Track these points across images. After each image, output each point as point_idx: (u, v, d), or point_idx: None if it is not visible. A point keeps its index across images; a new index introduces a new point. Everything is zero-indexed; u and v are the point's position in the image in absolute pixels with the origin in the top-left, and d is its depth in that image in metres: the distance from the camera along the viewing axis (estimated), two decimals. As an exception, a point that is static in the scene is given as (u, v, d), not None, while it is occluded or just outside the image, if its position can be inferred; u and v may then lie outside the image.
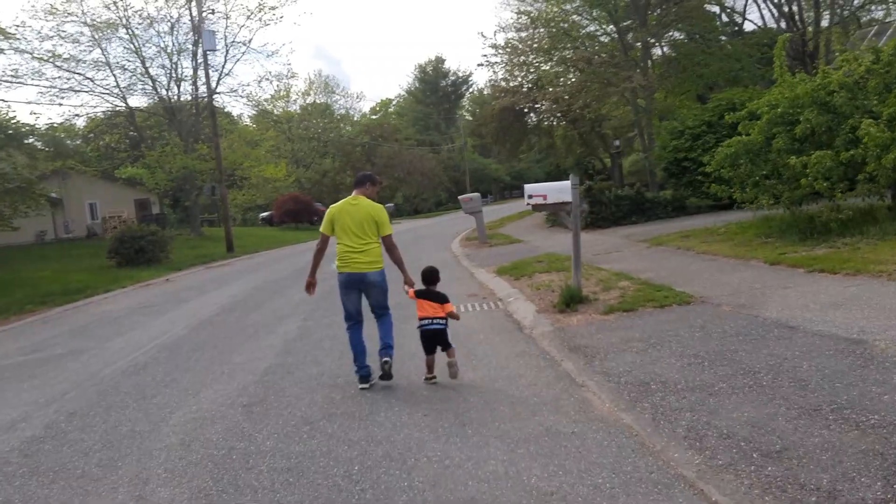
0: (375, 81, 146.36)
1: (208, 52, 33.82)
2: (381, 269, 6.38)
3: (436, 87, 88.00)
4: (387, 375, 6.26)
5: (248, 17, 40.10)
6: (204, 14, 36.28)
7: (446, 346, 6.27)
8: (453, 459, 4.27)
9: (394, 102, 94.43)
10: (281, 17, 49.39)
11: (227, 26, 41.23)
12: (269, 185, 50.30)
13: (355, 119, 78.00)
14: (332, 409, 5.68)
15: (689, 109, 21.38)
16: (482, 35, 37.51)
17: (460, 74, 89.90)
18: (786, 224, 11.95)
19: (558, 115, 36.96)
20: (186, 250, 31.37)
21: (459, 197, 21.90)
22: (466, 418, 5.04)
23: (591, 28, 27.63)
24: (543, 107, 35.90)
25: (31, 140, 25.41)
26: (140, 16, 38.26)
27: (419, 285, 6.54)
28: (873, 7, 38.98)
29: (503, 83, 39.04)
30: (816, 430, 3.91)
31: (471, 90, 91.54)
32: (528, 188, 8.75)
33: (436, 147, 75.62)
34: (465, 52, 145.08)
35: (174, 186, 40.70)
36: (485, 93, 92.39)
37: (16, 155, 23.75)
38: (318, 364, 7.49)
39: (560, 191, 8.70)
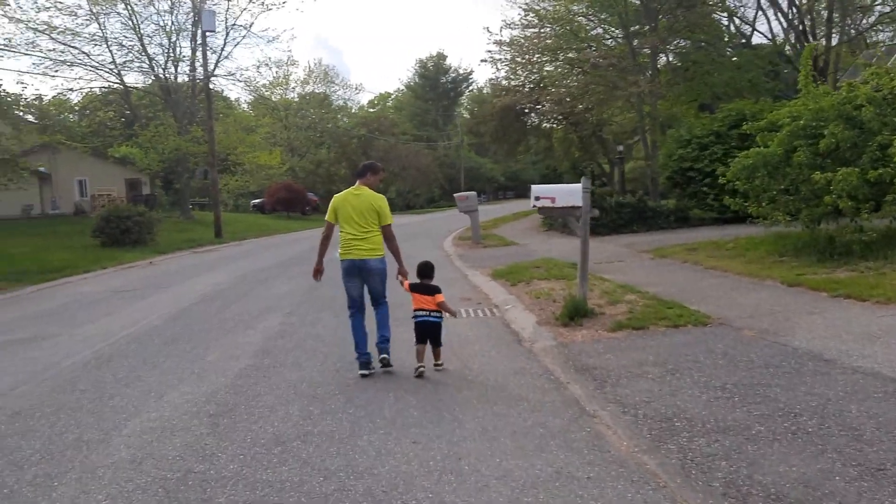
0: (375, 74, 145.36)
1: (207, 33, 33.02)
2: (381, 256, 6.61)
3: (436, 84, 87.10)
4: (386, 365, 6.57)
5: (251, 1, 39.04)
6: (205, -7, 35.45)
7: (436, 343, 6.49)
8: (447, 504, 3.61)
9: (392, 97, 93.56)
10: (283, 2, 48.27)
11: (228, 8, 40.37)
12: (262, 173, 49.40)
13: (353, 111, 77.12)
14: (310, 426, 5.00)
15: (698, 118, 20.76)
16: (487, 30, 36.49)
17: (461, 72, 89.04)
18: (802, 242, 11.34)
19: (559, 116, 36.35)
20: (175, 233, 30.63)
21: (455, 195, 21.24)
22: (462, 450, 4.38)
23: (599, 30, 26.96)
24: (545, 108, 35.31)
25: (17, 111, 24.39)
26: (140, -9, 37.06)
27: (413, 278, 6.70)
28: (882, 27, 38.63)
29: (505, 82, 38.40)
30: (887, 497, 3.27)
31: (471, 88, 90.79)
32: (536, 189, 8.10)
33: (432, 143, 74.88)
34: (467, 49, 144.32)
35: (166, 168, 39.83)
36: (485, 91, 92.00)
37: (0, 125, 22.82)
38: (299, 368, 6.81)
39: (570, 194, 8.05)
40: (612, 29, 26.61)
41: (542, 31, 26.98)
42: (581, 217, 8.16)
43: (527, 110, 37.12)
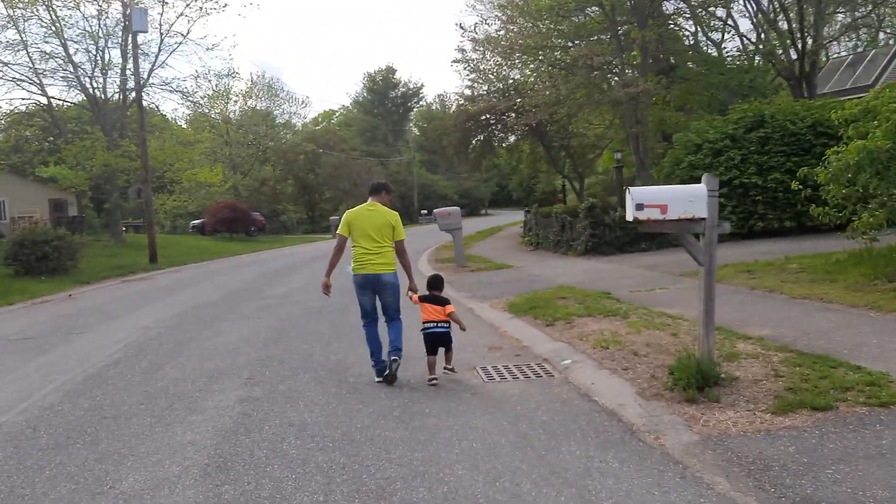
0: (319, 93, 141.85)
1: (139, 35, 29.51)
2: (394, 270, 6.64)
3: (385, 98, 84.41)
4: (392, 376, 6.40)
5: (188, 5, 35.44)
6: (136, -3, 31.84)
7: (448, 348, 6.54)
8: None
9: (337, 114, 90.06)
10: (225, 6, 44.32)
11: (162, 13, 36.57)
12: (202, 191, 45.70)
13: (298, 128, 73.20)
14: None
15: (709, 121, 18.41)
16: (461, 27, 32.87)
17: (411, 86, 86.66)
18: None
19: (525, 127, 34.00)
20: (103, 259, 26.98)
21: (436, 210, 18.42)
22: None
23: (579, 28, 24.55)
24: (511, 119, 33.03)
25: None
26: (63, -5, 33.14)
27: (423, 290, 6.73)
28: (849, 36, 37.51)
29: (468, 91, 35.96)
30: None
31: (421, 103, 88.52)
32: (638, 194, 5.31)
33: (383, 159, 71.96)
34: (416, 64, 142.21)
35: (95, 186, 35.94)
36: (434, 108, 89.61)
37: None
38: (285, 509, 3.83)
39: (690, 200, 5.30)
40: (597, 26, 24.17)
41: (511, 26, 24.51)
42: (706, 234, 5.42)
43: (493, 121, 34.65)
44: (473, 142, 36.06)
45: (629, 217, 5.37)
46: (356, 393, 6.23)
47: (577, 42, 22.70)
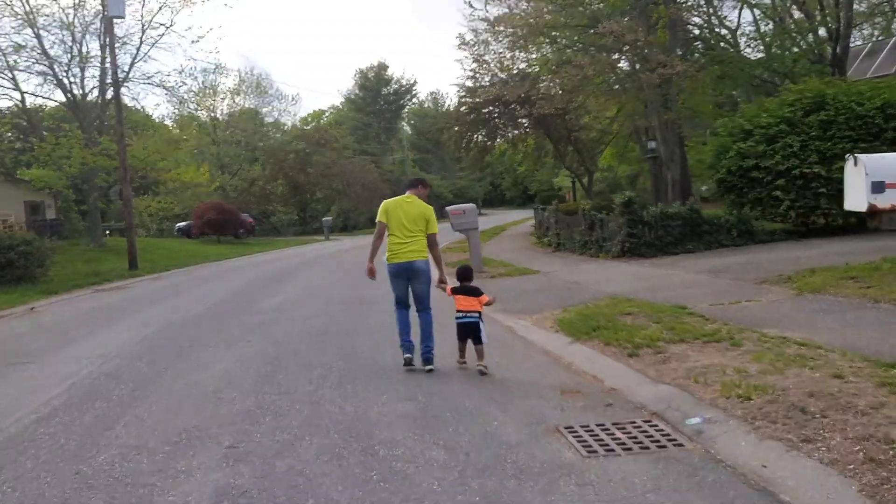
0: (307, 85, 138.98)
1: (116, 21, 27.23)
2: (426, 258, 6.79)
3: (377, 96, 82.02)
4: (430, 369, 6.54)
5: (170, -6, 33.00)
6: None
7: (478, 341, 6.45)
8: None
9: (327, 113, 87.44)
10: None
11: (144, 3, 34.22)
12: (188, 192, 43.33)
13: (286, 128, 70.36)
14: None
15: (759, 103, 16.34)
16: (470, 5, 29.52)
17: (404, 83, 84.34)
18: None
19: (535, 118, 31.91)
20: (80, 264, 24.79)
21: (449, 208, 16.18)
22: None
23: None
24: (519, 110, 31.03)
25: None
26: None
27: (454, 282, 6.90)
28: (864, 26, 35.74)
29: (469, 82, 33.85)
30: None
31: (413, 101, 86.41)
32: (874, 165, 3.17)
33: (376, 158, 69.56)
34: (409, 60, 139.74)
35: (72, 186, 33.60)
36: (426, 106, 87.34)
37: None
38: None
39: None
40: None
41: (524, 3, 22.40)
42: None
43: (496, 115, 32.52)
44: (476, 136, 33.97)
45: (857, 205, 3.41)
46: (393, 480, 4.08)
47: (590, 30, 20.53)
